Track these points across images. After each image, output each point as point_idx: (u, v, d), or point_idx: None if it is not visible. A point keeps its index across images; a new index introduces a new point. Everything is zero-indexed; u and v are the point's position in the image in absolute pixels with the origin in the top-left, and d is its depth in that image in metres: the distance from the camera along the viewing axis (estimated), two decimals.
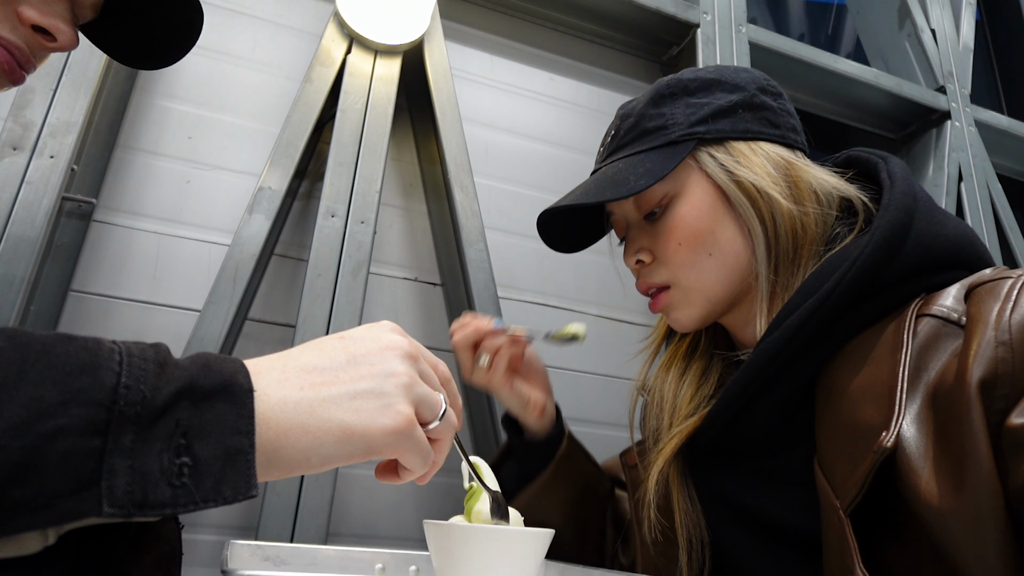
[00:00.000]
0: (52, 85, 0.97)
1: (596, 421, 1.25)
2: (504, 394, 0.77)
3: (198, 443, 0.32)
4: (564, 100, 1.46)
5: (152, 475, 0.30)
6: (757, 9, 2.21)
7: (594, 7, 1.47)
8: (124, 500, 0.29)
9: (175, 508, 0.31)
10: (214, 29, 1.19)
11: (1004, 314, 0.46)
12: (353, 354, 0.40)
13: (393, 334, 0.42)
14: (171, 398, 0.31)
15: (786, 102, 0.70)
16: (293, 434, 0.35)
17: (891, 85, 1.70)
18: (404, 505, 1.10)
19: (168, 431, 0.31)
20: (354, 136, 1.15)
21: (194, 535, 0.98)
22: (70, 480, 0.28)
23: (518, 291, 1.27)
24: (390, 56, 1.23)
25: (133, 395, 0.30)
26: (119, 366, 0.31)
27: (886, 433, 0.47)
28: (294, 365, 0.38)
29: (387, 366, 0.40)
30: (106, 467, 0.29)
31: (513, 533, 0.55)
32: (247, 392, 0.34)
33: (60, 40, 0.54)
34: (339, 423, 0.37)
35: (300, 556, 0.62)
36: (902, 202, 0.58)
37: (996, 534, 0.41)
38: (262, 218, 1.05)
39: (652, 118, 0.67)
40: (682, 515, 0.66)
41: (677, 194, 0.66)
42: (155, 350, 0.33)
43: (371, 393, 0.39)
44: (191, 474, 0.31)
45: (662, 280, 0.68)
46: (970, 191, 1.72)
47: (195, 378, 0.33)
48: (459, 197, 1.18)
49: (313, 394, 0.37)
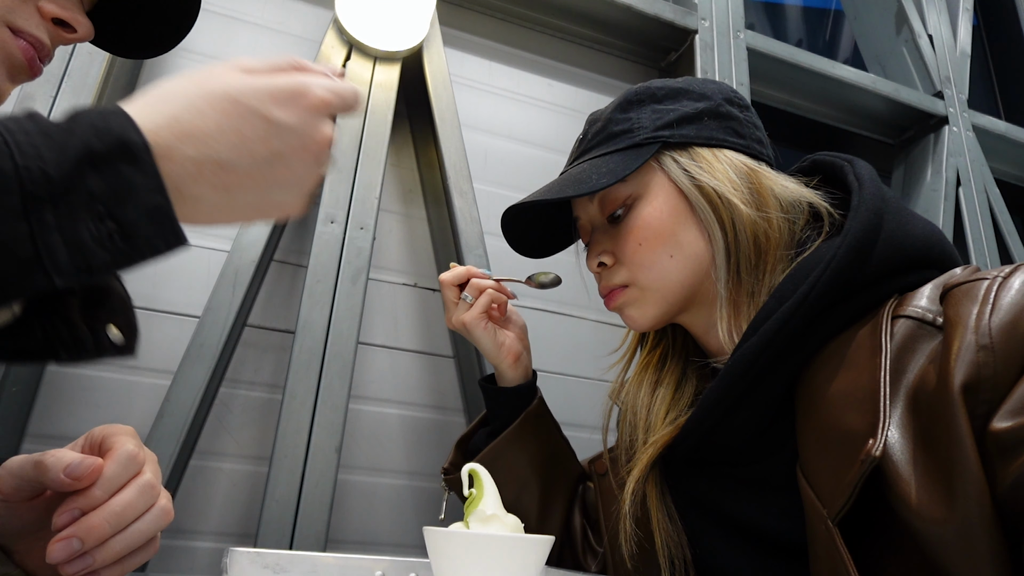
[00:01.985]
0: (52, 92, 0.97)
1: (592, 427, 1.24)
2: (479, 332, 0.79)
3: (117, 209, 0.33)
4: (563, 106, 1.47)
5: (86, 244, 0.32)
6: (755, 15, 2.22)
7: (592, 13, 1.47)
8: (70, 269, 0.31)
9: (120, 266, 0.33)
10: (214, 36, 1.20)
11: (983, 317, 0.46)
12: (275, 151, 0.39)
13: (317, 92, 0.41)
14: (74, 169, 0.32)
15: (752, 115, 0.71)
16: (206, 208, 0.37)
17: (889, 90, 1.71)
18: (404, 512, 1.10)
19: (83, 201, 0.32)
20: (353, 142, 1.16)
21: (193, 542, 0.97)
22: (13, 264, 0.30)
23: (518, 296, 1.27)
24: (389, 63, 1.24)
25: (35, 175, 0.31)
26: (7, 147, 0.31)
27: (873, 441, 0.47)
28: (209, 155, 0.37)
29: (311, 163, 0.41)
30: (41, 245, 0.30)
31: (513, 540, 0.55)
32: (144, 148, 0.34)
33: (80, 31, 0.56)
34: (256, 210, 0.39)
35: (300, 563, 0.62)
36: (872, 203, 0.58)
37: (988, 541, 0.41)
38: (262, 224, 1.05)
39: (619, 122, 0.69)
40: (662, 534, 0.66)
41: (640, 196, 0.67)
42: (32, 120, 0.33)
43: (291, 187, 0.40)
44: (121, 237, 0.33)
45: (621, 280, 0.69)
46: (968, 196, 1.72)
47: (89, 143, 0.33)
48: (458, 203, 1.18)
49: (229, 197, 0.38)
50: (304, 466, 0.96)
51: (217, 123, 0.37)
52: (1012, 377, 0.43)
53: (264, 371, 1.08)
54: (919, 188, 1.75)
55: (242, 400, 1.06)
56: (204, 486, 1.00)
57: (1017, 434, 0.41)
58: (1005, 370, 0.43)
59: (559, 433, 0.86)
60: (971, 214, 1.70)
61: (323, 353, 1.02)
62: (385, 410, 1.14)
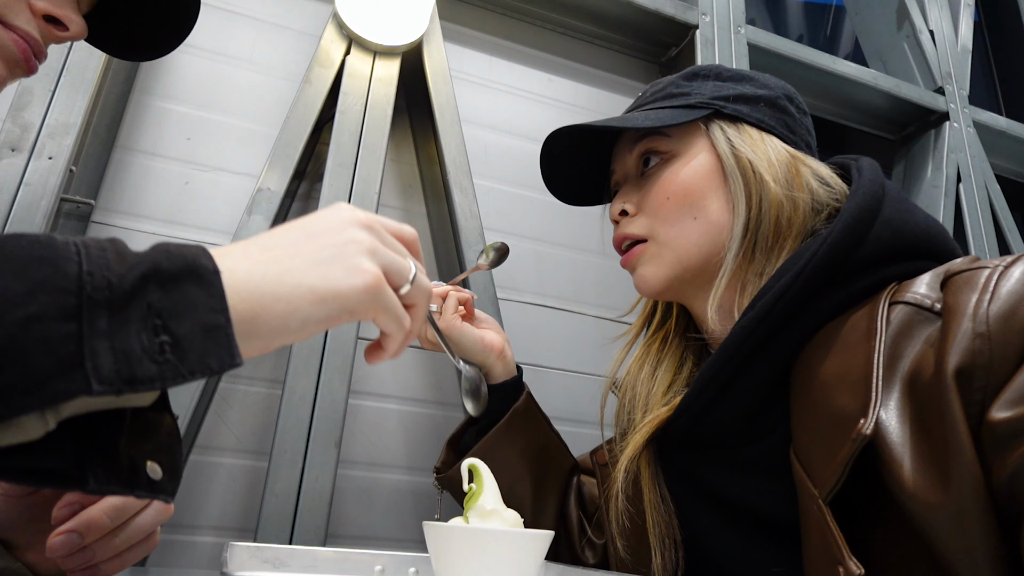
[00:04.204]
0: (50, 86, 0.97)
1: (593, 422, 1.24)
2: (458, 332, 0.78)
3: (174, 323, 0.32)
4: (563, 101, 1.46)
5: (135, 353, 0.30)
6: (756, 10, 2.21)
7: (593, 8, 1.47)
8: (112, 377, 0.29)
9: (163, 381, 0.31)
10: (213, 30, 1.19)
11: (982, 305, 0.46)
12: (311, 230, 0.40)
13: (350, 209, 0.43)
14: (137, 283, 0.31)
15: (808, 120, 0.72)
16: (267, 302, 0.36)
17: (889, 86, 1.70)
18: (403, 507, 1.10)
19: (141, 313, 0.31)
20: (353, 137, 1.15)
21: (193, 536, 0.98)
22: (53, 362, 0.28)
23: (517, 292, 1.27)
24: (389, 57, 1.23)
25: (98, 281, 0.30)
26: (78, 255, 0.31)
27: (864, 420, 0.47)
28: (254, 244, 0.38)
29: (347, 235, 0.40)
30: (87, 348, 0.29)
31: (513, 535, 0.55)
32: (213, 272, 0.34)
33: (72, 29, 0.56)
34: (310, 287, 0.37)
35: (299, 558, 0.62)
36: (869, 188, 0.60)
37: (981, 524, 0.41)
38: (261, 219, 1.05)
39: (679, 87, 0.71)
40: (654, 514, 0.66)
41: (679, 154, 0.68)
42: (112, 242, 0.33)
43: (334, 258, 0.39)
44: (173, 351, 0.31)
45: (640, 231, 0.69)
46: (968, 192, 1.72)
47: (158, 263, 0.33)
48: (458, 198, 1.18)
49: (278, 266, 0.37)
50: (304, 461, 0.96)
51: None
52: (1008, 366, 0.43)
53: (264, 366, 1.09)
54: (919, 184, 1.74)
55: (242, 395, 1.06)
56: (204, 481, 1.00)
57: (1016, 424, 0.41)
58: (1001, 358, 0.43)
59: (548, 426, 0.86)
60: (971, 210, 1.70)
61: (323, 348, 1.02)
62: (385, 405, 1.14)
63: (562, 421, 0.86)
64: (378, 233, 0.42)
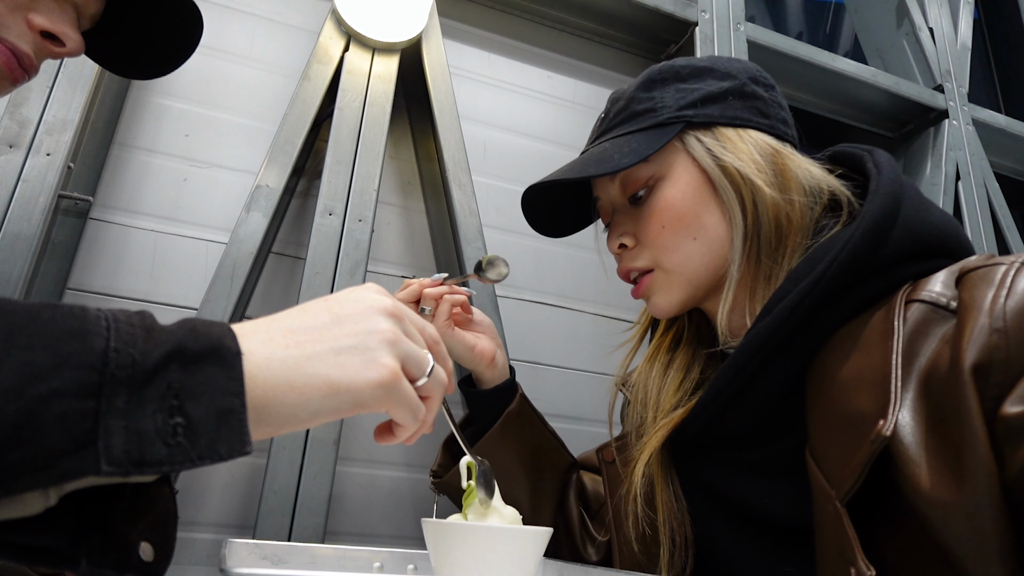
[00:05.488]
0: (48, 83, 0.97)
1: (592, 419, 1.25)
2: (447, 342, 0.78)
3: (190, 404, 0.32)
4: (562, 98, 1.46)
5: (147, 434, 0.31)
6: (755, 7, 2.21)
7: (592, 5, 1.47)
8: (121, 458, 0.30)
9: (172, 465, 0.31)
10: (211, 27, 1.18)
11: (999, 300, 0.45)
12: (337, 314, 0.41)
13: (377, 295, 0.43)
14: (161, 361, 0.32)
15: (777, 94, 0.70)
16: (281, 391, 0.36)
17: (889, 84, 1.70)
18: (402, 504, 1.10)
19: (160, 393, 0.32)
20: (352, 134, 1.15)
21: (192, 534, 0.98)
22: (67, 440, 0.29)
23: (516, 289, 1.27)
24: (388, 54, 1.23)
25: (123, 358, 0.31)
26: (107, 331, 0.31)
27: (883, 421, 0.47)
28: (279, 326, 0.39)
29: (370, 324, 0.41)
30: (102, 427, 0.30)
31: (511, 531, 0.55)
32: (235, 355, 0.34)
33: (69, 46, 0.56)
34: (325, 378, 0.38)
35: (298, 555, 0.62)
36: (890, 188, 0.58)
37: (995, 524, 0.41)
38: (260, 216, 1.05)
39: (641, 101, 0.68)
40: (666, 512, 0.66)
41: (663, 177, 0.66)
42: (141, 316, 0.34)
43: (355, 349, 0.39)
44: (185, 433, 0.32)
45: (644, 264, 0.68)
46: (967, 190, 1.72)
47: (183, 342, 0.33)
48: (457, 195, 1.18)
49: (298, 352, 0.38)
50: (303, 458, 0.96)
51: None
52: None
53: None
54: (918, 182, 1.74)
55: None
56: (203, 477, 1.00)
57: None
58: (1018, 354, 0.43)
59: (543, 426, 0.86)
60: (970, 208, 1.70)
61: None
62: None
63: (561, 418, 0.86)
64: (401, 322, 0.43)
